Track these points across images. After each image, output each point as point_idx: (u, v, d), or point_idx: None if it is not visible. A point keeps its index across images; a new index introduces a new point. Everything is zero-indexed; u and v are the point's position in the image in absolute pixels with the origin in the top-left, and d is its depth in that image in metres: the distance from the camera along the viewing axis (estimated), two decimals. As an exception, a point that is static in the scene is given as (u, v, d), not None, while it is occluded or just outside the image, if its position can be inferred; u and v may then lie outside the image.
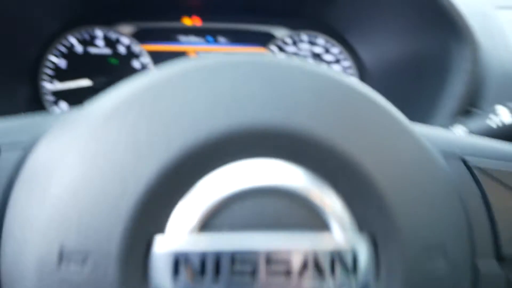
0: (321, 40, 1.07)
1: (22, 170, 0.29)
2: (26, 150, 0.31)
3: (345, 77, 0.31)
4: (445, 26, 0.75)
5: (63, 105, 1.02)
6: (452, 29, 0.74)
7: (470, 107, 0.67)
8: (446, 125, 0.70)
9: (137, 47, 1.04)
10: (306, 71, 0.29)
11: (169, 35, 1.06)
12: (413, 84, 0.87)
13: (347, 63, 1.07)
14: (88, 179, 0.25)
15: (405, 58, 0.89)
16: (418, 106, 0.86)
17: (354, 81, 0.31)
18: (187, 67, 0.29)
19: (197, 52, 1.07)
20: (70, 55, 1.02)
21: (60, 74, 1.01)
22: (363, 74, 1.06)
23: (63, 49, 1.02)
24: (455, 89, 0.71)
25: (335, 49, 1.07)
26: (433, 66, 0.81)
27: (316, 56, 1.08)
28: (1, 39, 0.81)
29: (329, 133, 0.26)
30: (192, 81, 0.27)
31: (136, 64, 1.04)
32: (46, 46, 1.00)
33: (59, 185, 0.26)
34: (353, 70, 1.07)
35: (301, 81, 0.28)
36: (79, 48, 1.03)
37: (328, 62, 1.08)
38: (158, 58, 1.05)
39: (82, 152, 0.26)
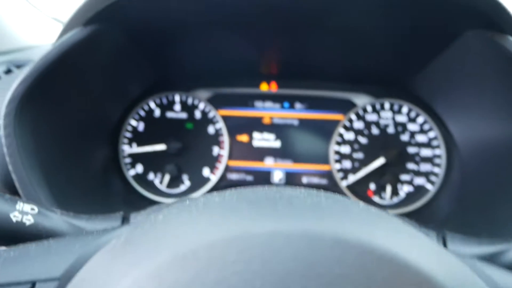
0: (405, 108, 1.01)
1: None
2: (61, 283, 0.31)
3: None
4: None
5: (139, 167, 1.03)
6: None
7: None
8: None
9: (212, 112, 1.04)
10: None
11: (245, 101, 1.05)
12: (508, 172, 0.77)
13: (432, 133, 0.99)
14: None
15: (502, 141, 0.79)
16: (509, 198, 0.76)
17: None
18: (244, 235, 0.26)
19: (272, 118, 1.04)
20: (148, 118, 1.04)
21: (137, 137, 1.03)
22: (451, 147, 0.97)
23: (142, 113, 1.04)
24: None
25: (420, 118, 1.00)
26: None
27: (400, 125, 1.01)
28: (89, 103, 0.84)
29: None
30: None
31: (210, 129, 1.04)
32: (128, 111, 1.03)
33: None
34: (439, 141, 0.99)
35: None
36: (157, 112, 1.05)
37: (412, 132, 1.00)
38: (233, 123, 1.04)
39: None
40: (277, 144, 1.04)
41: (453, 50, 0.78)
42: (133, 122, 1.04)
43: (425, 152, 1.00)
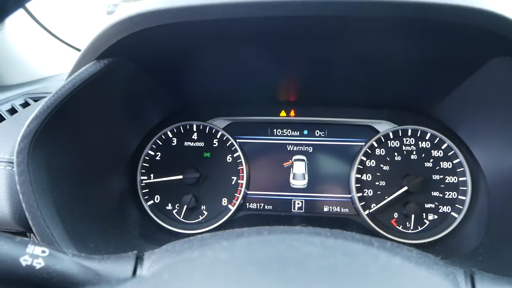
0: (428, 135, 0.98)
1: None
2: None
3: None
4: None
5: (157, 198, 1.01)
6: None
7: None
8: None
9: (230, 141, 1.02)
10: None
11: (263, 129, 1.04)
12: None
13: (457, 160, 0.96)
14: None
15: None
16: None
17: None
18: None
19: (290, 145, 1.02)
20: (165, 148, 1.03)
21: (155, 167, 1.02)
22: (477, 174, 0.94)
23: (159, 142, 1.03)
24: None
25: (444, 145, 0.97)
26: None
27: (423, 152, 0.98)
28: (105, 136, 0.83)
29: None
30: None
31: (228, 158, 1.02)
32: (144, 141, 1.02)
33: None
34: (464, 168, 0.96)
35: None
36: (175, 141, 1.03)
37: (436, 158, 0.97)
38: (251, 151, 1.03)
39: None
40: (296, 171, 1.02)
41: (478, 77, 0.76)
42: (151, 152, 1.02)
43: (450, 179, 0.96)
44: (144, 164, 1.02)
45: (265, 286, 0.27)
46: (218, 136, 1.03)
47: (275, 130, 1.04)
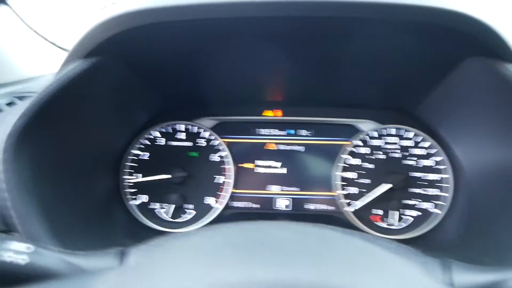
0: (410, 134, 1.00)
1: None
2: None
3: None
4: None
5: (143, 197, 1.02)
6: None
7: None
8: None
9: (216, 140, 1.03)
10: None
11: (249, 128, 1.05)
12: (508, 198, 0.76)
13: (438, 158, 0.99)
14: None
15: (505, 166, 0.79)
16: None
17: None
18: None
19: (277, 145, 1.04)
20: (152, 148, 1.04)
21: (141, 167, 1.03)
22: (458, 172, 0.97)
23: (146, 142, 1.04)
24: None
25: (426, 143, 0.99)
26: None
27: (405, 150, 1.00)
28: (92, 135, 0.83)
29: None
30: None
31: (215, 157, 1.03)
32: (131, 140, 1.02)
33: None
34: (446, 166, 0.98)
35: None
36: (161, 141, 1.04)
37: (418, 156, 1.00)
38: (238, 151, 1.04)
39: None
40: (283, 171, 1.03)
41: (455, 77, 0.78)
42: (138, 152, 1.03)
43: (432, 176, 0.99)
44: (131, 163, 1.02)
45: (240, 265, 0.28)
46: (205, 136, 1.04)
47: (262, 130, 1.05)
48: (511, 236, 0.74)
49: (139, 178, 1.02)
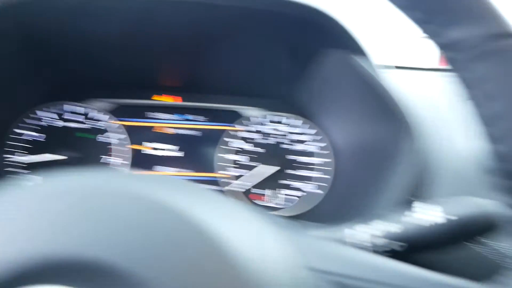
0: (291, 120, 1.10)
1: None
2: None
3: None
4: (391, 118, 0.76)
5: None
6: (397, 122, 0.75)
7: (412, 198, 0.66)
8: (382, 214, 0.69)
9: (111, 123, 1.06)
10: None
11: (143, 112, 1.09)
12: (372, 169, 0.87)
13: (323, 143, 1.09)
14: None
15: (369, 143, 0.90)
16: (374, 191, 0.86)
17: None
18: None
19: (169, 128, 1.09)
20: (45, 128, 1.04)
21: (33, 148, 1.02)
22: (338, 154, 1.07)
23: (33, 122, 1.04)
24: (399, 179, 0.71)
25: (305, 129, 1.09)
26: (385, 154, 0.81)
27: (291, 135, 1.09)
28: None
29: None
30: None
31: (111, 140, 1.06)
32: (14, 119, 1.02)
33: None
34: (328, 151, 1.08)
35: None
36: (48, 121, 1.05)
37: (302, 142, 1.09)
38: (134, 133, 1.08)
39: None
40: (179, 154, 1.09)
41: (321, 67, 0.88)
42: (29, 132, 1.03)
43: (315, 160, 1.08)
44: (12, 143, 1.02)
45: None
46: (99, 118, 1.06)
47: (151, 113, 1.09)
48: (372, 203, 0.84)
49: (27, 157, 1.01)
